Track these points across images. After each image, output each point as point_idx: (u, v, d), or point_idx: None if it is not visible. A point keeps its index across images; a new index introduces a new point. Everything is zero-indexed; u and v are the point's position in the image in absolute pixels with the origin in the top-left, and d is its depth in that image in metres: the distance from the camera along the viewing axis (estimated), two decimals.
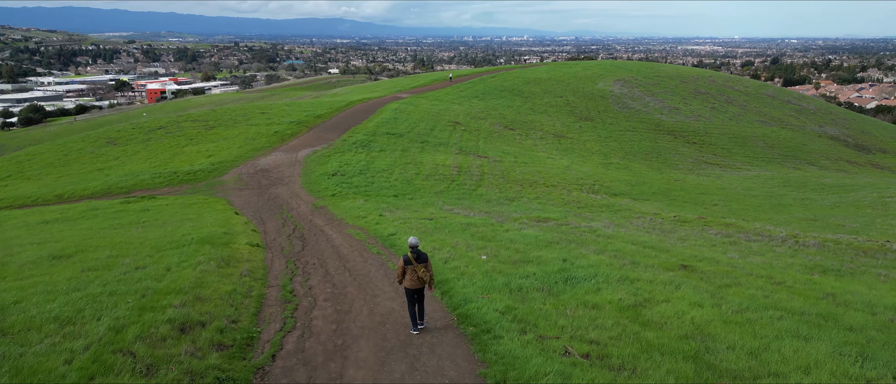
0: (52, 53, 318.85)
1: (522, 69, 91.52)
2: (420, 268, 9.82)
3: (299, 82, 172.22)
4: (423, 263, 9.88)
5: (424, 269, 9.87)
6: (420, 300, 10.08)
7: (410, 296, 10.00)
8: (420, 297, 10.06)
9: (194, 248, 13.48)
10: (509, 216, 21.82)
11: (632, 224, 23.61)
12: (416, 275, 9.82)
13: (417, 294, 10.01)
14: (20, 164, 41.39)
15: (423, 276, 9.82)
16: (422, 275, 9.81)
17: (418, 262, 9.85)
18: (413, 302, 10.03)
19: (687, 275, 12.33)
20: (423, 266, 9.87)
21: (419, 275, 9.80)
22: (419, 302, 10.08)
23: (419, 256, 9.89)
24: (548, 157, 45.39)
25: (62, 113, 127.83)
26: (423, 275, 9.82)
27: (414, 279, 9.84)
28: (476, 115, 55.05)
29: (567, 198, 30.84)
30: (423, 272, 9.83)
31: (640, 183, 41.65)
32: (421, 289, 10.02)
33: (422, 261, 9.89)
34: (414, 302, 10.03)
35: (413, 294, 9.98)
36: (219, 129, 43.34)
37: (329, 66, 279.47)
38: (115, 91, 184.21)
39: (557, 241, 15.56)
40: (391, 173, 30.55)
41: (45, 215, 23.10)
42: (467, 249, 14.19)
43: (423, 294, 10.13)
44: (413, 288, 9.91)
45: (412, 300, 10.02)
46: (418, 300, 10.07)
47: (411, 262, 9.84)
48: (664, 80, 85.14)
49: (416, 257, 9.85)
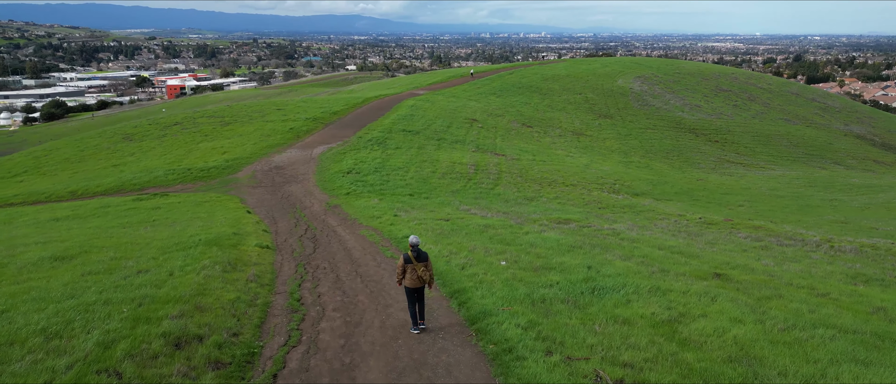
0: (74, 49, 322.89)
1: (540, 66, 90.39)
2: (420, 266, 9.75)
3: (317, 79, 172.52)
4: (423, 262, 9.81)
5: (424, 268, 9.80)
6: (420, 299, 10.00)
7: (410, 296, 9.92)
8: (420, 297, 9.98)
9: (201, 251, 12.90)
10: (528, 217, 21.04)
11: (656, 226, 22.71)
12: (417, 274, 9.76)
13: (417, 293, 9.94)
14: (37, 159, 41.36)
15: (423, 275, 9.75)
16: (422, 274, 9.74)
17: (418, 261, 9.77)
18: (413, 301, 9.95)
19: (722, 285, 11.48)
20: (424, 265, 9.80)
21: (419, 273, 9.74)
22: (419, 301, 10.00)
23: (419, 255, 9.81)
24: (567, 156, 44.45)
25: (83, 108, 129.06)
26: (423, 274, 9.75)
27: (414, 278, 9.78)
28: (493, 112, 54.21)
29: (587, 197, 29.96)
30: (423, 271, 9.76)
31: (661, 182, 40.59)
32: (421, 289, 9.94)
33: (422, 260, 9.81)
34: (414, 301, 9.95)
35: (413, 293, 9.91)
36: (234, 126, 42.99)
37: (346, 63, 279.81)
38: (136, 87, 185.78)
39: (580, 246, 14.77)
40: (407, 171, 29.88)
41: (57, 212, 22.77)
42: (485, 254, 13.44)
43: (423, 293, 10.04)
44: (413, 287, 9.84)
45: (412, 299, 9.94)
46: (418, 299, 9.99)
47: (411, 261, 9.77)
48: (685, 77, 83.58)
49: (416, 256, 9.78)
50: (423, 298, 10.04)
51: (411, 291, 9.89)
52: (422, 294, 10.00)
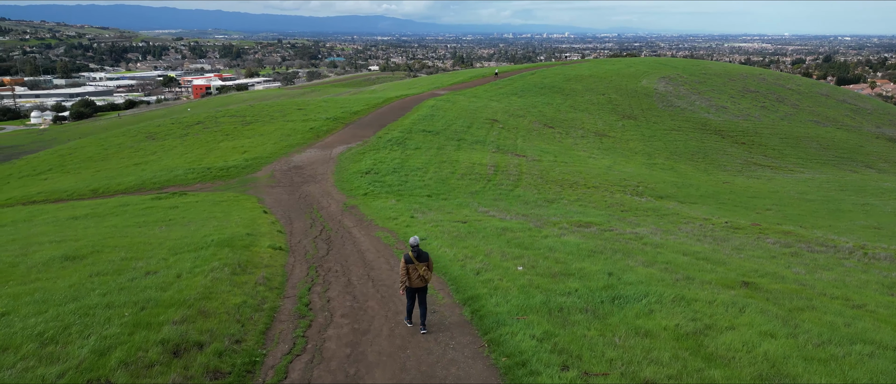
0: (104, 50, 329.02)
1: (563, 66, 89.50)
2: (421, 266, 9.77)
3: (340, 79, 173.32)
4: (424, 262, 9.82)
5: (425, 268, 9.81)
6: (422, 300, 9.98)
7: (410, 295, 9.98)
8: (422, 298, 9.97)
9: (212, 252, 12.68)
10: (548, 220, 20.54)
11: (680, 230, 22.04)
12: (418, 274, 9.78)
13: (419, 293, 9.94)
14: (62, 157, 41.88)
15: (424, 275, 9.79)
16: (423, 273, 9.77)
17: (419, 261, 9.79)
18: (413, 300, 10.00)
19: (751, 295, 10.91)
20: (425, 265, 9.82)
21: (421, 273, 9.77)
22: (421, 302, 9.98)
23: (420, 255, 9.84)
24: (589, 157, 43.75)
25: (112, 107, 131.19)
26: (424, 273, 9.78)
27: (415, 278, 9.81)
28: (515, 112, 53.65)
29: (609, 200, 29.32)
30: (424, 270, 9.78)
31: (686, 185, 39.71)
32: (423, 289, 9.94)
33: (422, 260, 9.83)
34: (414, 301, 10.00)
35: (414, 293, 9.95)
36: (255, 125, 43.09)
37: (369, 63, 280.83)
38: (163, 87, 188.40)
39: (601, 251, 14.25)
40: (425, 172, 29.54)
41: (77, 210, 22.86)
42: (502, 258, 13.00)
43: (425, 294, 10.02)
44: (414, 287, 9.85)
45: (412, 299, 10.00)
46: (420, 301, 9.98)
47: (412, 261, 9.79)
48: (711, 77, 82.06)
49: (416, 256, 9.80)
50: (424, 300, 9.97)
51: (412, 291, 9.93)
52: (423, 294, 9.95)
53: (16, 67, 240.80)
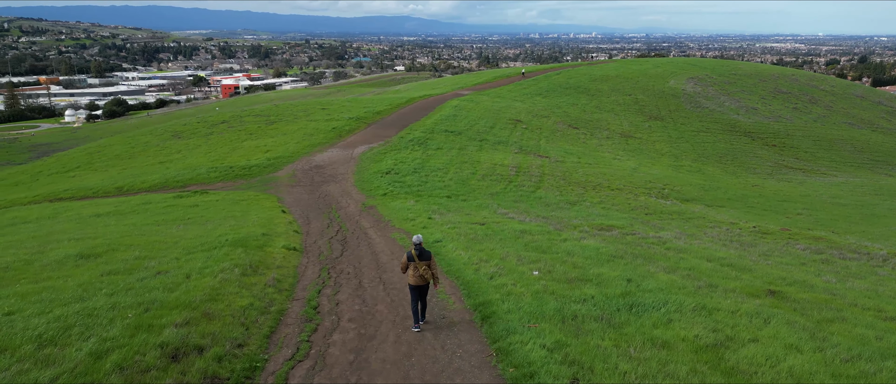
0: (136, 50, 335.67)
1: (589, 66, 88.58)
2: (422, 265, 9.80)
3: (365, 79, 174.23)
4: (425, 261, 9.86)
5: (426, 267, 9.84)
6: (423, 298, 10.04)
7: (413, 293, 9.98)
8: (423, 295, 10.03)
9: (224, 252, 12.61)
10: (569, 223, 20.14)
11: (706, 235, 21.44)
12: (419, 273, 9.81)
13: (420, 291, 9.98)
14: (90, 155, 42.63)
15: (424, 274, 9.82)
16: (423, 273, 9.80)
17: (421, 260, 9.83)
18: (416, 299, 9.98)
19: (777, 305, 10.43)
20: (426, 264, 9.85)
21: (421, 272, 9.79)
22: (422, 299, 10.04)
23: (422, 254, 9.86)
24: (614, 158, 43.08)
25: (143, 106, 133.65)
26: (424, 272, 9.81)
27: (416, 276, 9.83)
28: (538, 112, 53.13)
29: (634, 202, 28.74)
30: (424, 269, 9.81)
31: (713, 187, 38.84)
32: (424, 287, 9.98)
33: (424, 259, 9.87)
34: (416, 299, 9.98)
35: (416, 291, 9.95)
36: (278, 125, 43.33)
37: (395, 64, 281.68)
38: (193, 86, 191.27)
39: (621, 255, 13.84)
40: (446, 172, 29.31)
41: (100, 208, 23.13)
42: (518, 262, 12.68)
43: (427, 292, 10.08)
44: (416, 285, 9.88)
45: (415, 297, 9.98)
46: (422, 298, 10.03)
47: (414, 259, 9.82)
48: (741, 78, 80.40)
49: (418, 254, 9.82)
50: (426, 296, 10.07)
51: (414, 289, 9.93)
52: (425, 292, 10.01)
53: (51, 67, 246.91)
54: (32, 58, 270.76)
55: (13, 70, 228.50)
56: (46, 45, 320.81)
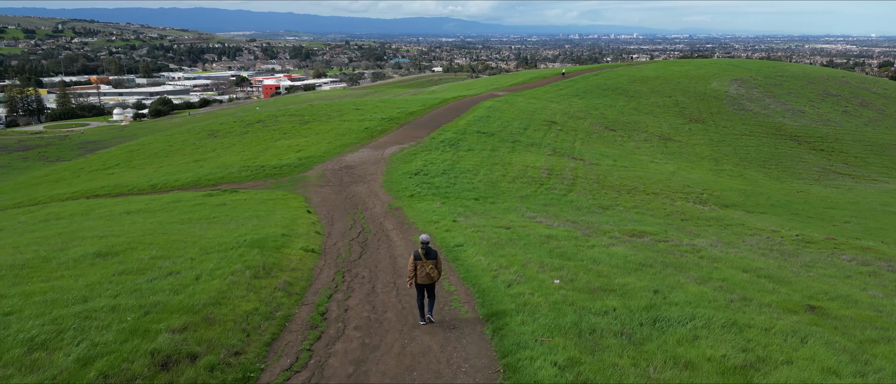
0: (183, 51, 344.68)
1: (628, 67, 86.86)
2: (429, 264, 9.99)
3: (403, 80, 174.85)
4: (432, 260, 10.06)
5: (433, 266, 10.03)
6: (430, 295, 10.30)
7: (419, 291, 10.23)
8: (430, 293, 10.29)
9: (240, 253, 12.45)
10: (599, 228, 19.47)
11: (744, 243, 20.48)
12: (425, 271, 10.00)
13: (427, 289, 10.24)
14: (130, 153, 43.59)
15: (431, 273, 10.00)
16: (430, 271, 9.99)
17: (427, 259, 10.03)
18: (422, 296, 10.24)
19: (816, 322, 9.68)
20: (432, 263, 10.04)
21: (428, 270, 9.99)
22: (430, 296, 10.31)
23: (428, 253, 10.08)
24: (651, 161, 41.95)
25: (187, 106, 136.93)
26: (431, 271, 10.00)
27: (423, 275, 10.02)
28: (574, 114, 52.19)
29: (669, 208, 27.79)
30: (431, 268, 10.00)
31: (756, 193, 37.41)
32: (431, 286, 10.22)
33: (431, 258, 10.06)
34: (422, 296, 10.24)
35: (422, 289, 10.20)
36: (312, 125, 43.55)
37: (433, 65, 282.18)
38: (236, 86, 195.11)
39: (650, 264, 13.18)
40: (476, 174, 28.86)
41: (132, 205, 23.45)
42: (539, 270, 12.15)
43: (434, 290, 10.35)
44: (423, 283, 10.10)
45: (421, 295, 10.25)
46: (429, 295, 10.30)
47: (420, 258, 10.02)
48: (788, 80, 77.65)
49: (425, 254, 10.04)
50: (433, 294, 10.32)
51: (421, 287, 10.15)
52: (432, 290, 10.29)
53: (102, 67, 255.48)
54: (84, 58, 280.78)
55: (66, 70, 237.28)
56: (98, 45, 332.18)
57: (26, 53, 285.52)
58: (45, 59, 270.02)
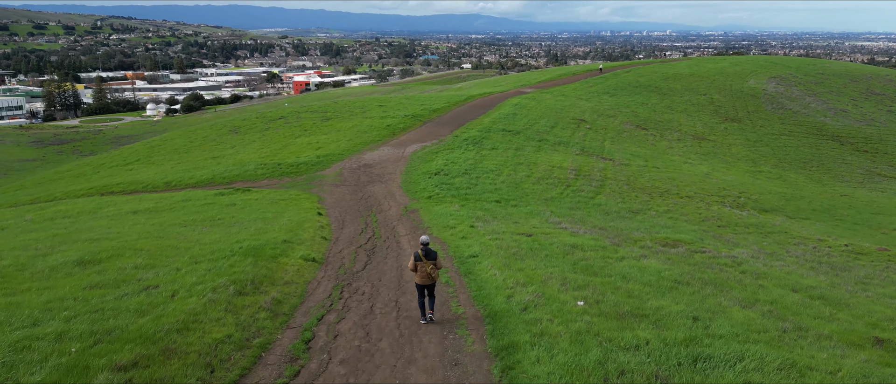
0: (216, 47, 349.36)
1: (661, 64, 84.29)
2: (429, 264, 10.08)
3: (431, 76, 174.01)
4: (432, 260, 10.14)
5: (433, 266, 10.12)
6: (430, 294, 10.39)
7: (420, 291, 10.33)
8: (430, 293, 10.37)
9: (231, 263, 11.35)
10: (629, 235, 17.98)
11: (789, 254, 18.77)
12: (426, 271, 10.09)
13: (427, 289, 10.33)
14: (151, 148, 43.26)
15: (431, 272, 10.08)
16: (430, 271, 10.07)
17: (427, 259, 10.12)
18: (422, 296, 10.34)
19: (888, 361, 8.16)
20: (432, 263, 10.13)
21: (428, 271, 10.08)
22: (430, 296, 10.39)
23: (428, 254, 10.17)
24: (684, 162, 40.04)
25: (218, 101, 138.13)
26: (431, 271, 10.09)
27: (423, 275, 10.12)
28: (604, 112, 50.35)
29: (705, 213, 26.06)
30: (431, 268, 10.08)
31: (796, 197, 35.31)
32: (431, 286, 10.30)
33: (430, 259, 10.15)
34: (423, 295, 10.34)
35: (423, 289, 10.31)
36: (333, 121, 42.64)
37: (462, 62, 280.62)
38: (267, 82, 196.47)
39: (687, 281, 11.71)
40: (499, 174, 27.49)
41: (142, 204, 22.70)
42: (561, 288, 10.77)
43: (434, 289, 10.42)
44: (423, 283, 10.20)
45: (422, 295, 10.35)
46: (429, 295, 10.38)
47: (421, 259, 10.13)
48: (829, 78, 74.42)
49: (425, 254, 10.14)
50: (433, 293, 10.39)
51: (421, 287, 10.25)
52: (432, 290, 10.35)
53: (138, 63, 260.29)
54: (121, 54, 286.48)
55: (103, 65, 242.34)
56: (134, 42, 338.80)
57: (66, 49, 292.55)
58: (84, 54, 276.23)
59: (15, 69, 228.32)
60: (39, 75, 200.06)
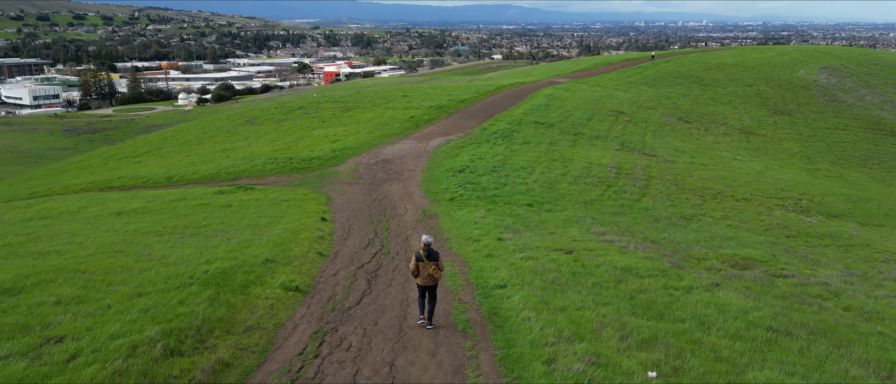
0: (249, 38, 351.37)
1: (702, 53, 79.80)
2: (431, 265, 9.75)
3: (461, 67, 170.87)
4: (434, 261, 9.80)
5: (435, 266, 9.78)
6: (432, 298, 9.94)
7: (421, 292, 9.97)
8: (432, 296, 9.93)
9: (181, 298, 8.69)
10: (689, 252, 14.93)
11: (884, 276, 15.50)
12: (428, 272, 9.73)
13: (429, 291, 9.93)
14: (164, 140, 41.32)
15: (433, 273, 9.74)
16: (432, 272, 9.73)
17: (429, 260, 9.77)
18: (423, 295, 9.97)
19: None
20: (434, 264, 9.79)
21: (430, 272, 9.73)
22: (431, 300, 9.94)
23: (430, 254, 9.81)
24: (733, 158, 36.50)
25: (249, 91, 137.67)
26: (434, 273, 9.76)
27: (425, 276, 9.77)
28: (644, 104, 46.83)
29: (768, 219, 22.73)
30: (433, 269, 9.75)
31: (863, 199, 31.58)
32: (433, 287, 9.89)
33: (433, 259, 9.81)
34: (424, 295, 9.97)
35: (424, 291, 9.95)
36: (354, 113, 40.07)
37: (493, 52, 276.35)
38: (298, 73, 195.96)
39: (787, 330, 8.71)
40: (530, 173, 24.53)
41: (132, 203, 20.43)
42: (621, 345, 7.81)
43: (435, 292, 9.96)
44: (425, 285, 9.85)
45: (423, 296, 9.97)
46: (430, 298, 9.95)
47: (422, 260, 9.76)
48: (883, 68, 69.40)
49: (427, 255, 9.78)
50: (434, 296, 9.93)
51: (423, 288, 9.90)
52: (433, 292, 9.90)
53: (173, 53, 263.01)
54: (157, 44, 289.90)
55: (139, 55, 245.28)
56: (170, 33, 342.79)
57: (104, 39, 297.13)
58: (121, 44, 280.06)
59: (54, 58, 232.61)
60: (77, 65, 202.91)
